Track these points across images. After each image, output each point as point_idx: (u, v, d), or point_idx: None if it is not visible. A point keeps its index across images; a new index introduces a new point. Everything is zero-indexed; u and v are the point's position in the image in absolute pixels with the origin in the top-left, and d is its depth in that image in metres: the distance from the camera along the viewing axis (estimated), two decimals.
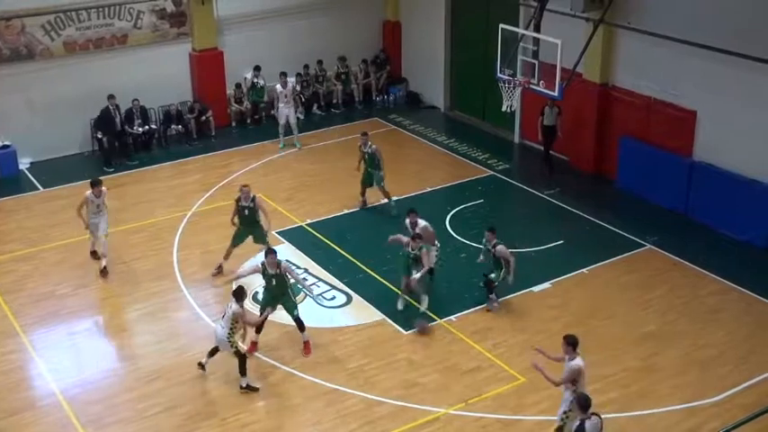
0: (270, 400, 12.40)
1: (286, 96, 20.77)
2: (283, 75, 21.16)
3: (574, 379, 10.54)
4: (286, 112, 20.85)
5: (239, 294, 12.31)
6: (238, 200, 15.19)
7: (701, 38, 16.19)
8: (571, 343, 10.58)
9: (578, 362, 10.54)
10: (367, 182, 17.70)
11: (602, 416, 9.86)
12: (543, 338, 13.58)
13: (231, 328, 12.29)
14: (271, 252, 13.33)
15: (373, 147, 17.51)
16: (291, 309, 13.33)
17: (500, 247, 14.04)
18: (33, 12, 19.73)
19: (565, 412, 10.66)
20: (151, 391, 12.53)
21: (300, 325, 13.32)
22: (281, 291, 13.24)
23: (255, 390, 12.51)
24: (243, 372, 12.46)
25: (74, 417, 12.03)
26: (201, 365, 12.80)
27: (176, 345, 13.66)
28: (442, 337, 13.78)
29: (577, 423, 9.73)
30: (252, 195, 15.17)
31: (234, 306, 12.24)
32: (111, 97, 20.18)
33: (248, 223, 15.25)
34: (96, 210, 15.54)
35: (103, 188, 15.74)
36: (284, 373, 12.90)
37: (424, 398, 12.32)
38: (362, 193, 17.88)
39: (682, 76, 17.34)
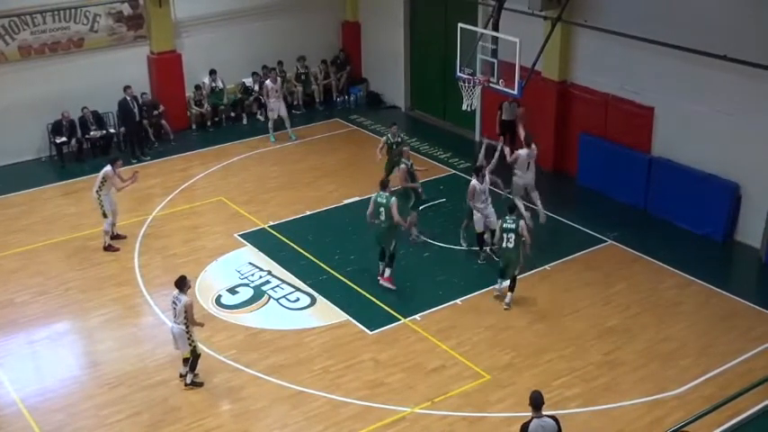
0: (235, 404, 12.32)
1: (276, 91, 21.09)
2: (273, 70, 21.85)
3: None
4: (278, 106, 21.21)
5: (183, 284, 12.26)
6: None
7: (658, 35, 16.38)
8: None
9: None
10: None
11: (568, 411, 9.92)
12: (508, 335, 13.69)
13: (186, 322, 12.24)
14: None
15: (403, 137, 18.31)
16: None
17: (522, 222, 14.34)
18: None
19: None
20: (114, 398, 12.39)
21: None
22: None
23: (200, 384, 12.51)
24: (194, 368, 12.45)
25: (36, 426, 11.86)
26: (183, 376, 12.65)
27: (139, 350, 13.52)
28: (406, 336, 13.79)
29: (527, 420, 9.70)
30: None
31: (183, 298, 12.19)
32: (127, 88, 20.21)
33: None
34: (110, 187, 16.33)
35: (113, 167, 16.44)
36: (249, 377, 12.83)
37: (390, 398, 12.33)
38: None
39: (639, 73, 17.54)
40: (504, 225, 14.27)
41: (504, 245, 14.30)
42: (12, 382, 12.78)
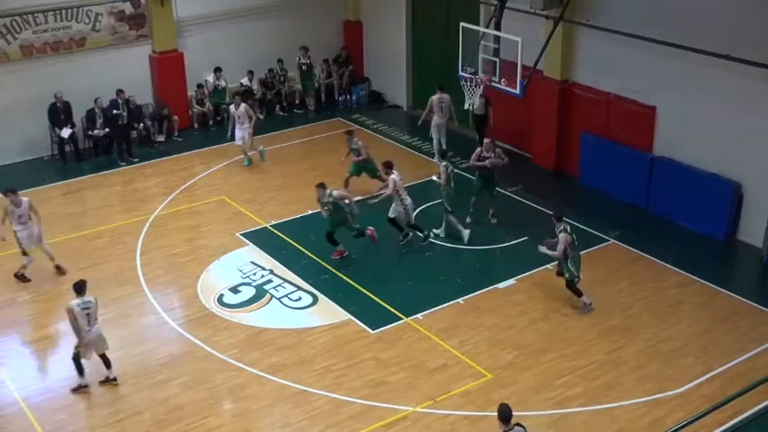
0: (236, 403, 12.33)
1: (239, 118, 19.86)
2: (237, 95, 20.76)
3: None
4: (240, 134, 19.93)
5: (83, 288, 12.28)
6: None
7: (660, 34, 16.37)
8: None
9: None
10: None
11: (570, 410, 9.93)
12: (509, 335, 13.69)
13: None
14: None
15: (359, 142, 18.42)
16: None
17: (562, 235, 13.94)
18: None
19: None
20: (116, 398, 12.40)
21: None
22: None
23: (86, 387, 12.48)
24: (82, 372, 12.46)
25: (37, 425, 11.87)
26: (110, 379, 12.59)
27: (141, 350, 13.53)
28: (408, 335, 13.80)
29: None
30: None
31: (93, 300, 12.30)
32: (119, 92, 20.29)
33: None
34: (18, 220, 15.18)
35: (24, 198, 15.40)
36: (250, 376, 12.84)
37: (392, 397, 12.33)
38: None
39: (641, 73, 17.53)
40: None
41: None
42: (14, 381, 12.78)
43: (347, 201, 15.96)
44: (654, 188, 17.53)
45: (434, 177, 17.15)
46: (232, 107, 20.23)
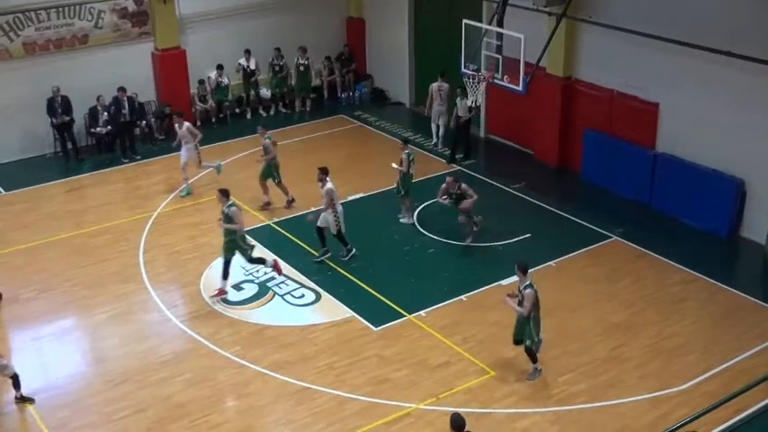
0: (239, 400, 12.34)
1: (183, 137, 18.47)
2: (179, 115, 19.08)
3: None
4: (185, 155, 18.54)
5: None
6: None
7: (663, 30, 16.35)
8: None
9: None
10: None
11: (573, 407, 9.93)
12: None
13: None
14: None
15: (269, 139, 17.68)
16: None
17: (528, 291, 12.11)
18: None
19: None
20: (119, 395, 12.41)
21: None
22: None
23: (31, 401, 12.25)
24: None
25: (41, 421, 11.89)
26: (24, 399, 12.22)
27: (144, 347, 13.54)
28: (411, 332, 13.79)
29: None
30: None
31: None
32: (120, 89, 20.19)
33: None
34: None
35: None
36: (253, 373, 12.85)
37: (395, 394, 12.33)
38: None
39: (644, 69, 17.51)
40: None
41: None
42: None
43: (234, 225, 14.37)
44: (657, 185, 17.51)
45: (393, 165, 17.05)
46: (176, 126, 18.73)
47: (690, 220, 16.87)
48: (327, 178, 15.56)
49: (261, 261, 15.03)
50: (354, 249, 15.86)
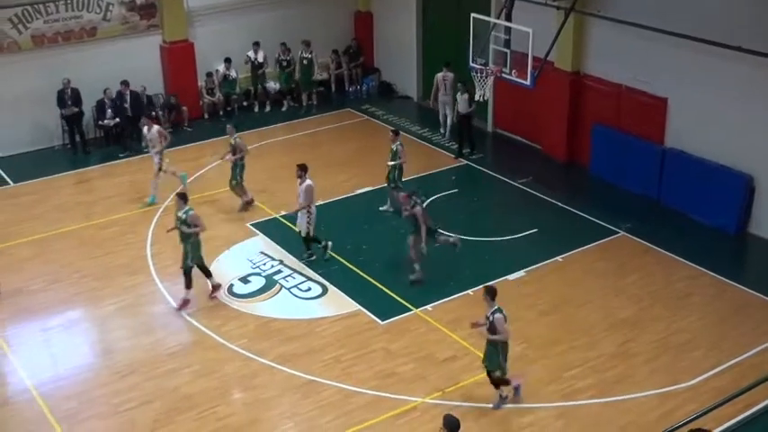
0: (246, 392, 12.37)
1: (151, 140, 17.87)
2: (146, 117, 18.78)
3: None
4: (157, 159, 17.94)
5: None
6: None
7: (672, 25, 16.28)
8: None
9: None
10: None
11: (579, 402, 9.92)
12: (519, 326, 13.62)
13: None
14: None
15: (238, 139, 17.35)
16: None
17: (498, 316, 11.44)
18: (0, 4, 19.46)
19: None
20: (126, 386, 12.45)
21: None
22: None
23: None
24: None
25: (49, 412, 11.93)
26: None
27: (151, 339, 13.58)
28: (417, 326, 13.80)
29: None
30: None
31: None
32: (123, 83, 20.17)
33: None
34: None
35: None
36: (260, 366, 12.87)
37: (401, 387, 12.33)
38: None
39: (652, 64, 17.46)
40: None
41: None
42: (25, 369, 12.85)
43: (197, 228, 14.10)
44: (665, 180, 17.46)
45: (390, 162, 17.00)
46: (144, 129, 18.06)
47: (698, 216, 16.82)
48: (306, 175, 15.33)
49: (187, 273, 14.22)
50: (315, 255, 15.60)
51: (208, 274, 14.54)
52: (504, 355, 11.52)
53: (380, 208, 17.29)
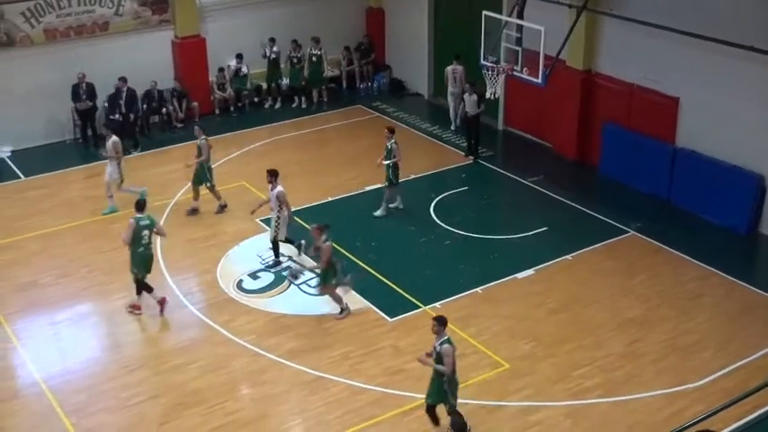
0: (254, 388, 12.39)
1: (107, 151, 17.23)
2: (107, 128, 17.93)
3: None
4: (108, 170, 17.28)
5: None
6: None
7: (684, 24, 16.22)
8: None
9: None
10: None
11: (587, 401, 9.90)
12: (528, 325, 13.66)
13: None
14: None
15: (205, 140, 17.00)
16: None
17: (446, 347, 10.71)
18: None
19: None
20: (135, 380, 12.49)
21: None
22: None
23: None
24: None
25: (57, 406, 11.98)
26: None
27: (160, 333, 13.63)
28: (426, 324, 13.70)
29: None
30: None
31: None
32: (120, 79, 20.14)
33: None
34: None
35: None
36: (268, 361, 12.89)
37: (409, 385, 12.33)
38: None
39: (664, 63, 17.39)
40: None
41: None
42: (34, 363, 12.90)
43: (161, 232, 14.17)
44: (676, 180, 17.41)
45: (385, 162, 16.91)
46: (106, 138, 17.45)
47: (709, 216, 16.76)
48: (277, 181, 15.18)
49: (140, 282, 13.98)
50: (283, 263, 15.45)
51: (149, 289, 14.01)
52: (452, 391, 10.79)
53: (374, 213, 17.09)
